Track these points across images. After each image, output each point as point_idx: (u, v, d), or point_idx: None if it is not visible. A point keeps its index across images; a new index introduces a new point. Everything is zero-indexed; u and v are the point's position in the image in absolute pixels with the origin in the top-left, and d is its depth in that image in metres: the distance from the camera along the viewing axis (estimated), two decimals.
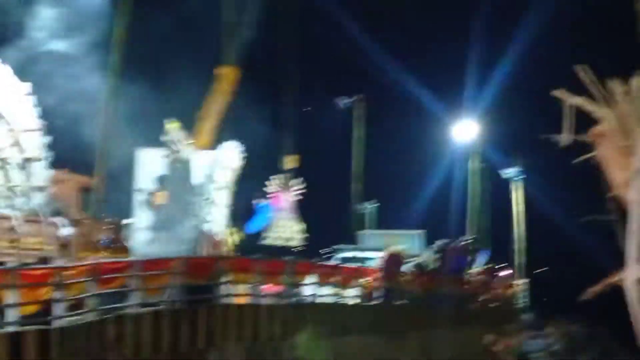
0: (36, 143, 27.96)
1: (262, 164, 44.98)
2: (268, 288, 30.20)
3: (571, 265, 65.08)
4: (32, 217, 26.81)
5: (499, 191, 62.60)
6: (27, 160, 27.75)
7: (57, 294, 21.30)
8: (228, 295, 28.67)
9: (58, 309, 21.32)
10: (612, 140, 9.86)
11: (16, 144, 27.64)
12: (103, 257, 26.15)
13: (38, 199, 27.42)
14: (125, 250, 29.83)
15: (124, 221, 33.28)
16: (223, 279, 27.86)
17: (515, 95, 74.34)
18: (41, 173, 27.95)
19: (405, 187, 75.12)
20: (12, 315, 20.25)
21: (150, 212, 31.99)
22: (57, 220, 27.85)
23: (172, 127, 36.70)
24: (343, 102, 41.04)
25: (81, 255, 27.17)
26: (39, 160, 27.94)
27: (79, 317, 22.23)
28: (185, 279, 26.03)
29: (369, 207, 58.32)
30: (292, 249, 40.81)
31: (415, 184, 74.94)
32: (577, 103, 10.04)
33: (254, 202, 42.16)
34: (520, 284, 55.67)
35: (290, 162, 44.76)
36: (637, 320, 9.51)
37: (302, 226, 42.75)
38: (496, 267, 51.47)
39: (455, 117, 60.03)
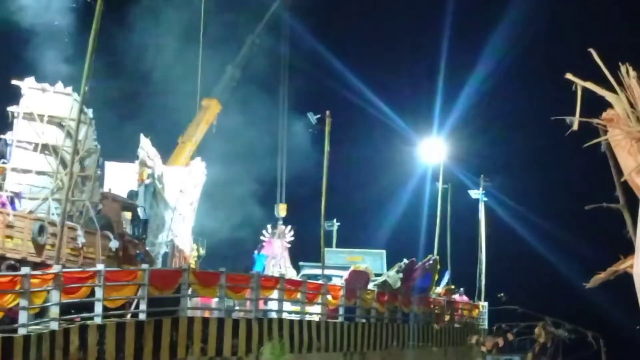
0: (94, 163, 30.72)
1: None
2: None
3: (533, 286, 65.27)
4: (89, 229, 29.10)
5: (469, 212, 62.68)
6: (85, 178, 30.25)
7: (22, 302, 21.06)
8: (192, 308, 28.62)
9: (23, 317, 21.08)
10: (623, 125, 9.75)
11: (80, 163, 30.07)
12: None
13: (92, 214, 29.72)
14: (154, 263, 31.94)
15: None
16: (188, 292, 27.69)
17: (484, 114, 74.85)
18: (96, 190, 30.62)
19: (368, 206, 75.32)
20: None
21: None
22: (108, 233, 30.23)
23: (146, 142, 37.18)
24: (313, 117, 41.46)
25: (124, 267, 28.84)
26: (96, 178, 30.69)
27: (43, 326, 22.03)
28: (150, 290, 25.84)
29: (334, 225, 58.42)
30: None
31: (379, 203, 75.09)
32: (588, 86, 9.93)
33: (255, 252, 43.09)
34: (482, 305, 55.90)
35: (281, 210, 46.58)
36: None
37: (294, 272, 43.34)
38: (455, 288, 51.78)
39: (422, 137, 60.15)
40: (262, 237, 44.47)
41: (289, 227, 45.79)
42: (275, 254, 43.95)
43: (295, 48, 56.16)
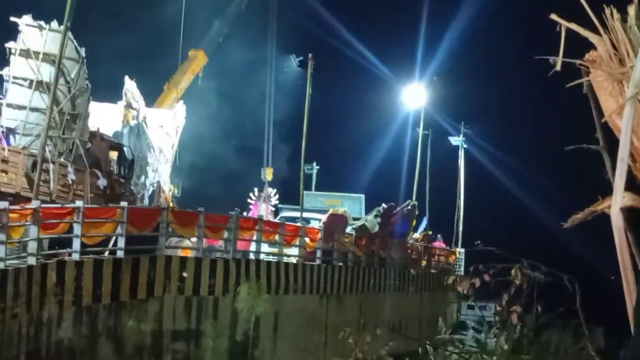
0: (85, 102, 31.55)
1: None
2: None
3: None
4: (79, 167, 30.08)
5: (449, 158, 62.63)
6: (76, 116, 31.03)
7: (0, 236, 20.99)
8: (171, 247, 28.65)
9: (1, 251, 21.02)
10: (605, 66, 9.75)
11: (71, 101, 30.92)
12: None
13: (82, 152, 30.67)
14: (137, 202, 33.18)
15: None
16: (167, 231, 27.67)
17: (466, 60, 74.68)
18: (85, 128, 31.53)
19: (349, 150, 75.33)
20: None
21: None
22: (96, 172, 31.30)
23: (131, 84, 37.39)
24: (295, 60, 41.64)
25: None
26: (86, 116, 31.60)
27: (20, 261, 22.00)
28: (129, 228, 25.80)
29: (314, 168, 58.41)
30: None
31: (359, 147, 75.10)
32: (572, 27, 9.91)
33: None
34: (459, 251, 56.14)
35: (268, 174, 47.23)
36: (621, 249, 9.46)
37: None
38: (433, 234, 51.99)
39: (405, 82, 59.93)
40: (249, 200, 44.62)
41: (274, 190, 46.01)
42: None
43: None
